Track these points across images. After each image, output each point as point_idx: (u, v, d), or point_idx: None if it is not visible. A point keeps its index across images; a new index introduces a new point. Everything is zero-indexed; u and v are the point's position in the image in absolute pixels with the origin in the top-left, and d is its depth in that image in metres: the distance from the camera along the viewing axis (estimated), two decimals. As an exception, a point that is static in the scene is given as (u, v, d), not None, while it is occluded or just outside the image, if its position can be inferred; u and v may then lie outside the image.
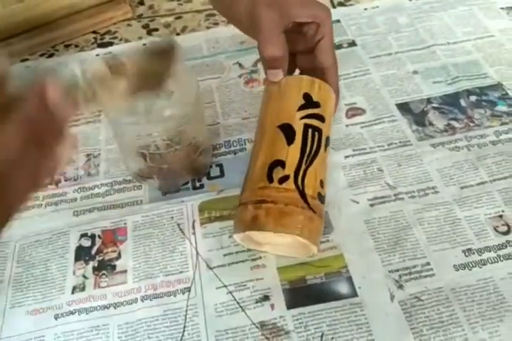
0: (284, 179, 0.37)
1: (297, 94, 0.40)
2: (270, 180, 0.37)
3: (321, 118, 0.40)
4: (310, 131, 0.39)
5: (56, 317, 0.39)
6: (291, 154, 0.38)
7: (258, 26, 0.39)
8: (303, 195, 0.37)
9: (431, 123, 0.51)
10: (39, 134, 0.24)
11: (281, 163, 0.37)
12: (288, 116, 0.40)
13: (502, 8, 0.64)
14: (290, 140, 0.38)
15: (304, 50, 0.44)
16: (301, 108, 0.40)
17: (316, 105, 0.41)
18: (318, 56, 0.42)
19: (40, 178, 0.26)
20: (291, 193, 0.36)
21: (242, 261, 0.41)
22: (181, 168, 0.46)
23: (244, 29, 0.45)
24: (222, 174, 0.48)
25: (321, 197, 0.38)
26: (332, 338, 0.36)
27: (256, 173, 0.38)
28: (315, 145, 0.39)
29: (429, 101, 0.53)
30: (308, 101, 0.40)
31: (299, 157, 0.38)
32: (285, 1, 0.40)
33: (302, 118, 0.39)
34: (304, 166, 0.38)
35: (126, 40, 0.66)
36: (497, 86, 0.54)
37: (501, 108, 0.52)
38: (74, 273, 0.41)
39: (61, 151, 0.25)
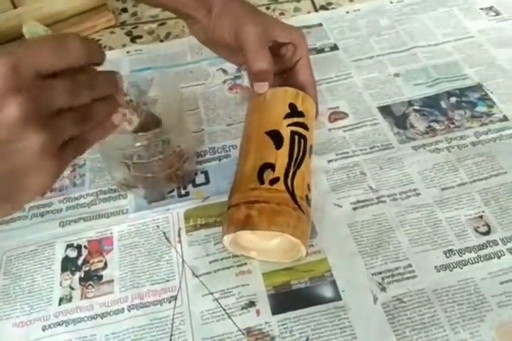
0: (274, 181, 0.38)
1: (283, 103, 0.43)
2: (261, 181, 0.38)
3: (305, 126, 0.43)
4: (296, 137, 0.41)
5: (44, 328, 0.39)
6: (280, 157, 0.39)
7: (245, 42, 0.42)
8: (293, 195, 0.38)
9: (412, 126, 0.51)
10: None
11: (271, 166, 0.39)
12: (275, 123, 0.41)
13: (481, 9, 0.65)
14: (278, 145, 0.40)
15: (279, 71, 0.46)
16: (287, 116, 0.42)
17: (301, 114, 0.43)
18: (299, 75, 0.46)
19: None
20: (282, 194, 0.37)
21: (228, 268, 0.42)
22: (166, 177, 0.46)
23: (228, 52, 0.48)
24: (207, 181, 0.49)
25: (308, 200, 0.40)
26: (317, 342, 0.37)
27: (246, 176, 0.39)
28: (301, 151, 0.41)
29: (410, 103, 0.54)
30: (294, 111, 0.42)
31: (288, 160, 0.39)
32: (267, 22, 0.44)
33: (289, 125, 0.41)
34: (292, 169, 0.39)
35: (110, 48, 0.66)
36: (477, 87, 0.55)
37: (481, 109, 0.52)
38: (61, 284, 0.42)
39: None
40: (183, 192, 0.48)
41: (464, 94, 0.54)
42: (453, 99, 0.54)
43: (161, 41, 0.66)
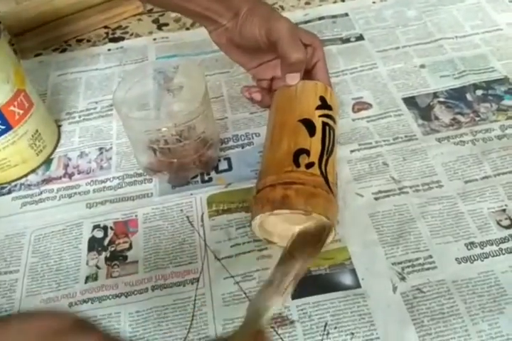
0: (310, 165, 0.39)
1: (314, 95, 0.44)
2: (297, 165, 0.39)
3: (333, 119, 0.44)
4: (327, 128, 0.42)
5: (70, 305, 0.41)
6: (314, 144, 0.41)
7: (280, 34, 0.43)
8: (326, 180, 0.39)
9: (437, 118, 0.51)
10: None
11: (306, 152, 0.40)
12: (308, 112, 0.43)
13: (511, 1, 0.63)
14: (312, 133, 0.41)
15: None
16: (318, 108, 0.43)
17: (330, 108, 0.44)
18: (317, 76, 0.47)
19: None
20: (317, 178, 0.39)
21: (249, 252, 0.42)
22: (190, 162, 0.47)
23: (247, 55, 0.49)
24: (230, 168, 0.49)
25: (337, 186, 0.42)
26: (335, 328, 0.38)
27: (281, 159, 0.40)
28: (331, 141, 0.42)
29: (435, 95, 0.53)
30: (324, 103, 0.44)
31: (321, 148, 0.41)
32: (292, 23, 0.45)
33: (320, 116, 0.43)
34: (325, 156, 0.40)
35: (137, 35, 0.67)
36: (504, 80, 0.54)
37: (508, 102, 0.52)
38: (87, 264, 0.43)
39: None
40: (206, 177, 0.49)
41: (491, 87, 0.53)
42: (479, 92, 0.53)
43: (187, 29, 0.67)
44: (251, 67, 0.50)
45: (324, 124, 0.42)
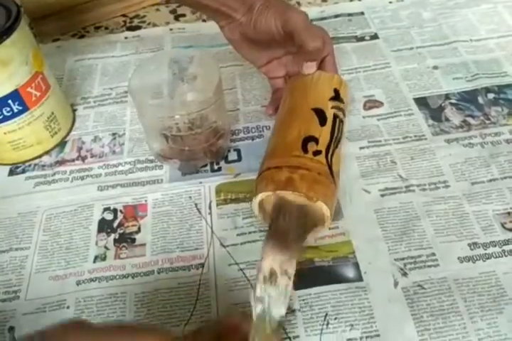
0: (317, 153, 0.40)
1: (329, 87, 0.45)
2: (305, 151, 0.40)
3: (343, 112, 0.45)
4: (337, 120, 0.43)
5: (78, 283, 0.41)
6: (324, 134, 0.42)
7: (297, 24, 0.43)
8: (331, 170, 0.40)
9: (447, 119, 0.52)
10: None
11: (315, 139, 0.41)
12: (322, 102, 0.44)
13: (528, 7, 0.64)
14: (322, 122, 0.42)
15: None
16: (332, 99, 0.44)
17: (342, 101, 0.45)
18: (326, 70, 0.48)
19: None
20: (322, 166, 0.39)
21: (254, 241, 0.43)
22: (200, 151, 0.48)
23: (259, 50, 0.49)
24: (239, 158, 0.50)
25: (339, 179, 0.42)
26: (335, 318, 0.38)
27: (289, 143, 0.41)
28: (340, 133, 0.43)
29: (447, 96, 0.54)
30: (337, 96, 0.45)
31: (329, 138, 0.42)
32: None
33: (332, 108, 0.44)
34: (332, 147, 0.41)
35: (154, 25, 0.68)
36: (516, 85, 0.54)
37: (519, 107, 0.52)
38: (96, 244, 0.44)
39: None
40: (215, 167, 0.49)
41: (503, 91, 0.54)
42: (491, 96, 0.54)
43: (204, 21, 0.68)
44: (261, 64, 0.51)
45: (335, 116, 0.43)
